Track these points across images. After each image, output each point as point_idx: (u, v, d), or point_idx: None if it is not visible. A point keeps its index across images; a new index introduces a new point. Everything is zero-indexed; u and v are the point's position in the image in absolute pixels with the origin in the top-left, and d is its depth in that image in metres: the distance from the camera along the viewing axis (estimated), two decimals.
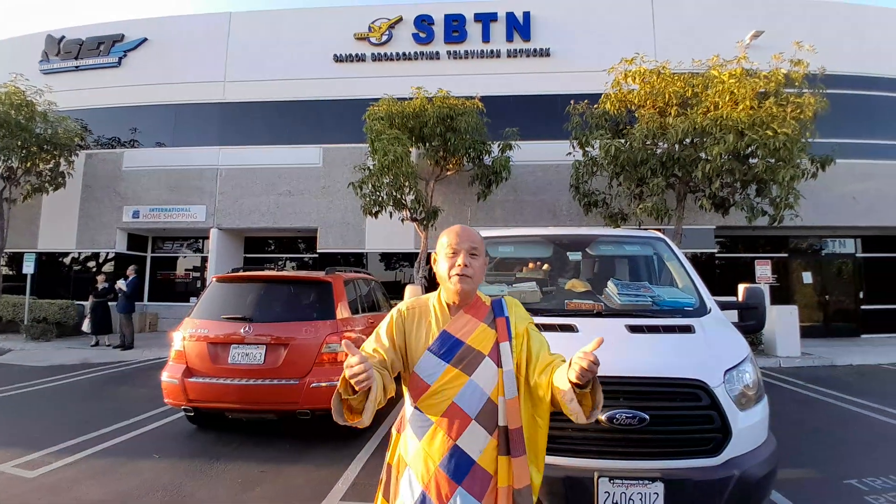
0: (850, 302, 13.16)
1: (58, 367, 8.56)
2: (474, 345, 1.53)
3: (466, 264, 1.54)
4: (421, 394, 1.52)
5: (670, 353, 2.51)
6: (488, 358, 1.52)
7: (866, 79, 12.55)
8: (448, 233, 1.62)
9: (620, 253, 4.18)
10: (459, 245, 1.56)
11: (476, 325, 1.57)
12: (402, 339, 1.60)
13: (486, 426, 1.47)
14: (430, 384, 1.50)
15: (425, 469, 1.48)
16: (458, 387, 1.49)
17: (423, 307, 1.65)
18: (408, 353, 1.58)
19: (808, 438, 4.84)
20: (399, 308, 1.67)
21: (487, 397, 1.49)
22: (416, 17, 13.19)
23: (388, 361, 1.55)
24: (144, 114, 13.83)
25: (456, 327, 1.56)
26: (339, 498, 3.47)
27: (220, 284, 5.15)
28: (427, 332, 1.58)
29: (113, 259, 13.46)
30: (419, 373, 1.53)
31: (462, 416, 1.47)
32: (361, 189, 10.01)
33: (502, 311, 1.61)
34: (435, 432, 1.49)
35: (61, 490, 3.59)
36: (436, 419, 1.49)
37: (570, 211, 11.92)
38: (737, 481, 2.22)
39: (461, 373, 1.50)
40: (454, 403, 1.48)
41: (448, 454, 1.46)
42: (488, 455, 1.47)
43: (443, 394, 1.49)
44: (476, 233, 1.62)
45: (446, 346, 1.53)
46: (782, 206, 8.71)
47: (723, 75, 8.81)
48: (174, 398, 4.60)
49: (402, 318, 1.63)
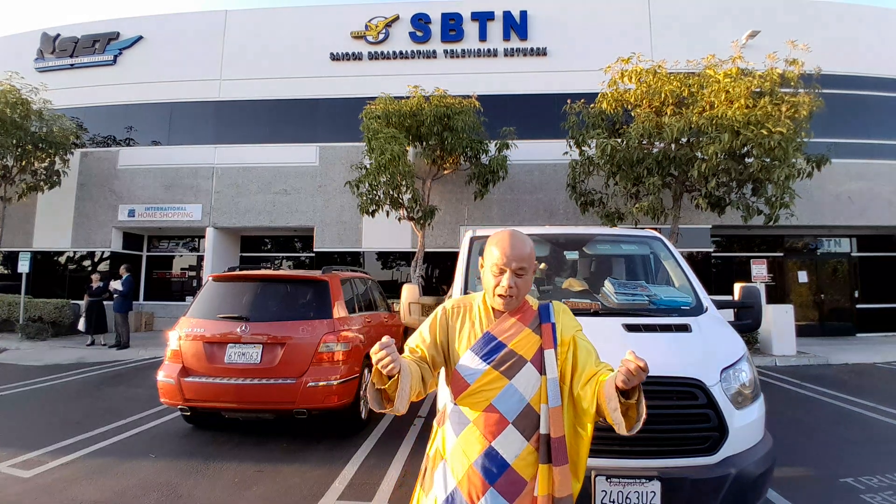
0: (846, 301, 13.23)
1: (53, 367, 8.52)
2: (517, 349, 1.52)
3: (511, 285, 1.50)
4: (461, 392, 1.53)
5: (667, 352, 2.51)
6: (530, 364, 1.50)
7: (861, 79, 12.61)
8: (498, 244, 1.53)
9: (617, 252, 4.19)
10: (507, 265, 1.50)
11: (520, 329, 1.55)
12: (445, 336, 1.61)
13: (523, 431, 1.47)
14: (470, 383, 1.51)
15: (460, 466, 1.49)
16: (498, 389, 1.48)
17: (467, 306, 1.65)
18: (450, 350, 1.59)
19: (805, 437, 4.86)
20: (444, 306, 1.67)
21: (527, 403, 1.48)
22: (412, 16, 13.18)
23: (429, 357, 1.57)
24: (140, 112, 13.78)
25: (500, 330, 1.55)
26: (335, 497, 3.47)
27: (217, 283, 5.12)
28: (470, 332, 1.58)
29: (108, 258, 13.41)
30: (460, 371, 1.54)
31: (499, 418, 1.47)
32: (358, 188, 10.00)
33: (549, 317, 1.58)
34: (472, 431, 1.49)
35: (57, 490, 3.56)
36: (473, 418, 1.50)
37: (567, 210, 11.93)
38: (733, 480, 2.23)
39: (501, 375, 1.49)
40: (492, 405, 1.48)
41: (483, 454, 1.46)
42: (524, 460, 1.45)
43: (482, 394, 1.49)
44: (527, 245, 1.53)
45: (488, 347, 1.52)
46: (778, 206, 8.74)
47: (718, 75, 8.84)
48: (170, 398, 4.58)
49: (447, 316, 1.63)
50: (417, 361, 1.53)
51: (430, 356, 1.57)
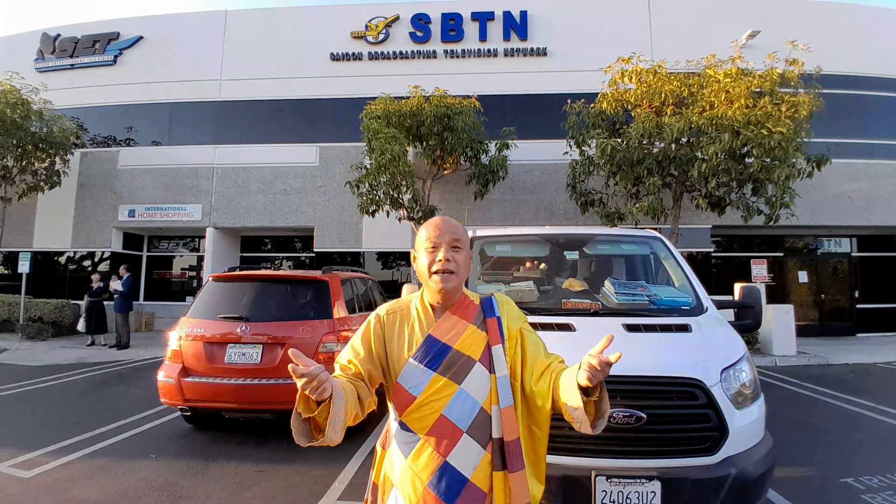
0: (846, 301, 13.23)
1: (53, 367, 8.52)
2: (463, 350, 1.38)
3: (448, 258, 1.38)
4: (406, 407, 1.36)
5: (667, 352, 2.51)
6: (479, 363, 1.38)
7: (862, 79, 12.61)
8: (427, 226, 1.45)
9: (617, 252, 4.18)
10: (440, 238, 1.40)
11: (464, 327, 1.42)
12: (382, 348, 1.44)
13: (479, 439, 1.33)
14: (415, 396, 1.35)
15: (413, 490, 1.34)
16: (447, 397, 1.34)
17: (404, 310, 1.49)
18: (389, 362, 1.43)
19: (805, 437, 4.86)
20: (377, 313, 1.50)
21: (480, 407, 1.35)
22: (413, 16, 13.18)
23: (364, 373, 1.40)
24: (140, 112, 13.78)
25: (442, 331, 1.41)
26: (336, 497, 3.47)
27: (217, 284, 5.13)
28: (410, 338, 1.42)
29: (108, 258, 13.41)
30: (403, 384, 1.38)
31: (452, 429, 1.32)
32: (358, 188, 10.00)
33: (493, 311, 1.47)
34: (422, 449, 1.34)
35: (57, 490, 3.57)
36: (423, 434, 1.35)
37: (567, 210, 11.93)
38: (733, 480, 2.23)
39: (450, 381, 1.35)
40: (443, 416, 1.33)
41: (437, 472, 1.31)
42: (482, 471, 1.33)
43: (430, 406, 1.34)
44: (458, 224, 1.46)
45: (432, 352, 1.38)
46: (778, 206, 8.74)
47: (718, 75, 8.84)
48: (170, 398, 4.58)
49: (381, 325, 1.46)
50: (351, 379, 1.36)
51: (366, 371, 1.41)
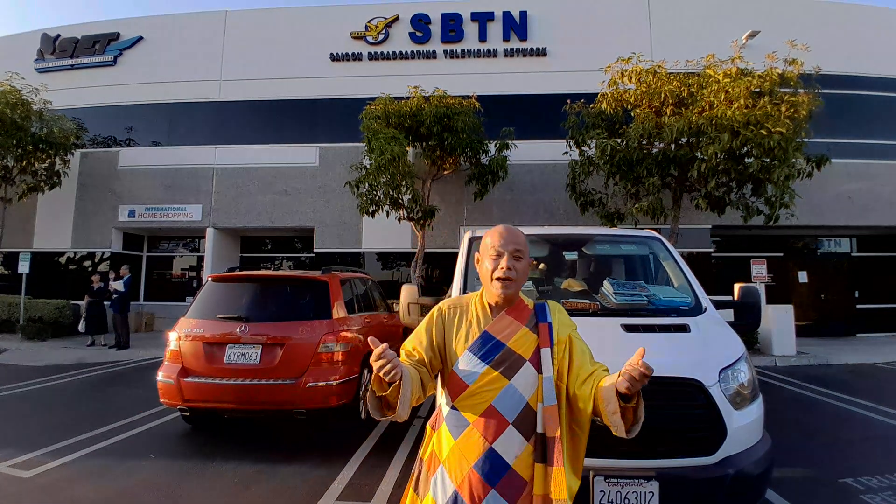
0: (846, 301, 13.22)
1: (53, 367, 8.52)
2: (516, 348, 1.51)
3: (510, 267, 1.51)
4: (459, 393, 1.50)
5: (666, 353, 2.51)
6: (529, 363, 1.50)
7: (861, 79, 12.60)
8: (492, 233, 1.59)
9: (616, 252, 4.19)
10: (504, 247, 1.53)
11: (518, 328, 1.54)
12: (442, 338, 1.58)
13: (523, 432, 1.45)
14: (468, 384, 1.49)
15: (459, 469, 1.46)
16: (498, 390, 1.47)
17: (463, 306, 1.63)
18: (447, 351, 1.57)
19: (805, 437, 4.86)
20: (440, 306, 1.65)
21: (526, 402, 1.47)
22: (412, 16, 13.18)
23: (426, 360, 1.55)
24: (140, 112, 13.79)
25: (498, 328, 1.54)
26: (335, 498, 3.47)
27: (216, 284, 5.13)
28: (468, 332, 1.56)
29: (108, 258, 13.40)
30: (458, 373, 1.52)
31: (499, 419, 1.45)
32: (358, 188, 9.99)
33: (546, 317, 1.58)
34: (471, 433, 1.47)
35: (57, 490, 3.57)
36: (473, 420, 1.48)
37: (567, 210, 11.92)
38: (732, 480, 2.23)
39: (501, 376, 1.48)
40: (492, 406, 1.46)
41: (483, 456, 1.44)
42: (524, 461, 1.45)
43: (481, 395, 1.47)
44: (520, 233, 1.58)
45: (487, 347, 1.51)
46: (778, 206, 8.73)
47: (718, 75, 8.83)
48: (170, 398, 4.58)
49: (443, 317, 1.61)
50: (416, 365, 1.51)
51: (428, 358, 1.55)
